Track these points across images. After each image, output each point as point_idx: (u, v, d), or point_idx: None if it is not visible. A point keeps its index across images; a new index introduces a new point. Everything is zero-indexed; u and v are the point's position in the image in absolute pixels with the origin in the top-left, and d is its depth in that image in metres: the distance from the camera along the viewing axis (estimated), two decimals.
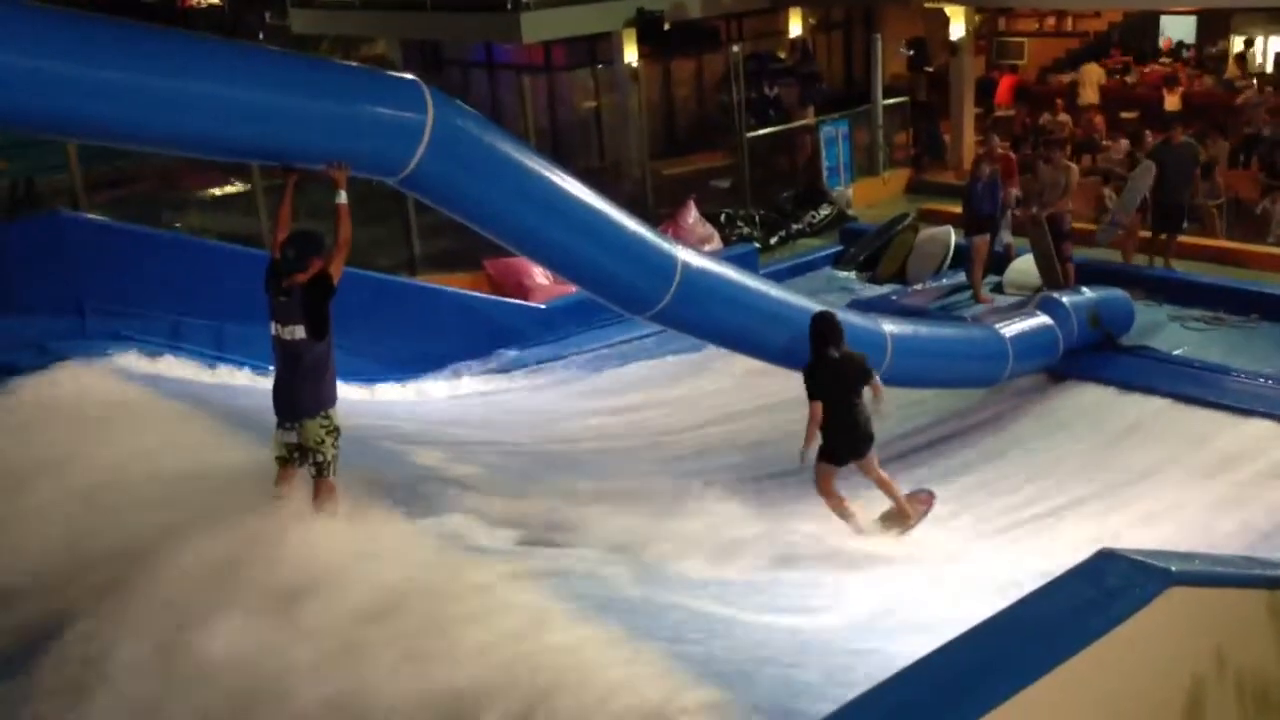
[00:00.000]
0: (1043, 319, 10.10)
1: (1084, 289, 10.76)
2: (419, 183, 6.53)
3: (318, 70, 6.51)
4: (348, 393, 8.18)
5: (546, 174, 7.02)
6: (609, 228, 7.29)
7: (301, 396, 6.11)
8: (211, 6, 38.65)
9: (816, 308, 8.47)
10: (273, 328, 6.12)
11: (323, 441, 6.13)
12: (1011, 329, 9.85)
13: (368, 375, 9.79)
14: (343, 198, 6.08)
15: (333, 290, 6.02)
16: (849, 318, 8.80)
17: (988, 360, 9.68)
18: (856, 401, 7.57)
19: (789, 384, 9.33)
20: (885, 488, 7.79)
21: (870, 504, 7.94)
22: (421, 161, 6.33)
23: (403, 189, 6.77)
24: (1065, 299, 10.36)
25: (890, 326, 8.81)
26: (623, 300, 7.67)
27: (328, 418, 6.15)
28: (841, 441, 7.56)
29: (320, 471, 6.15)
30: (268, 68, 5.99)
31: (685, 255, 7.63)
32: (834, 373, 7.51)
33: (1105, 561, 4.40)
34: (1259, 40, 19.99)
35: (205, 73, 5.60)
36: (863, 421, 7.59)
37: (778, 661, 5.22)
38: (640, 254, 7.41)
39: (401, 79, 6.54)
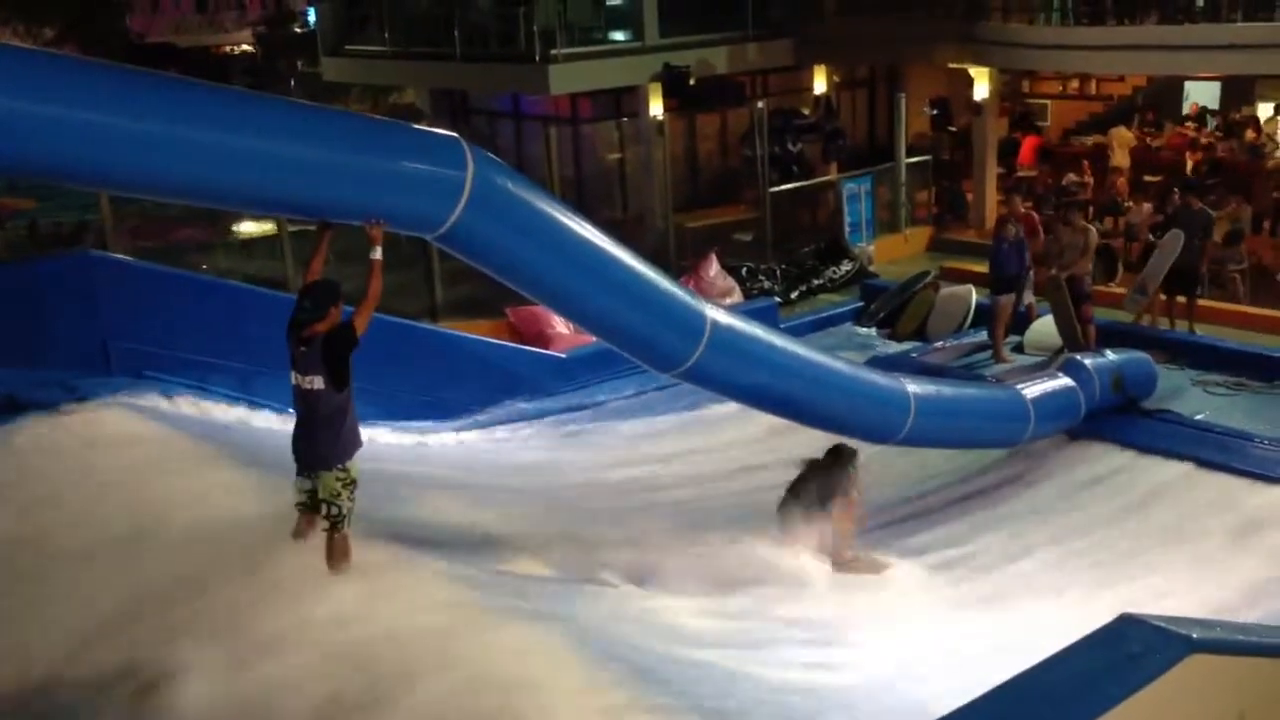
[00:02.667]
0: (1065, 381, 10.07)
1: (1107, 351, 10.74)
2: (455, 240, 6.51)
3: (357, 125, 6.51)
4: (368, 436, 8.20)
5: (581, 231, 7.02)
6: (641, 285, 7.27)
7: (319, 448, 6.09)
8: (245, 54, 39.31)
9: (846, 369, 8.53)
10: (293, 377, 6.11)
11: (338, 494, 6.09)
12: (1034, 390, 9.81)
13: (388, 420, 9.81)
14: (377, 254, 6.07)
15: (355, 343, 6.01)
16: (873, 376, 8.81)
17: (1009, 421, 9.64)
18: None
19: (807, 439, 9.35)
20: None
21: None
22: (459, 219, 6.31)
23: (438, 245, 6.77)
24: (1088, 361, 10.33)
25: (914, 386, 8.80)
26: (651, 358, 7.64)
27: (345, 470, 6.12)
28: None
29: (334, 525, 6.11)
30: (307, 122, 6.00)
31: (715, 314, 7.62)
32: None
33: (1126, 626, 4.38)
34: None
35: (247, 127, 5.61)
36: None
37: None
38: (671, 312, 7.39)
39: (442, 135, 6.51)
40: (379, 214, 6.06)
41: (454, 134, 6.52)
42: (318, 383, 6.00)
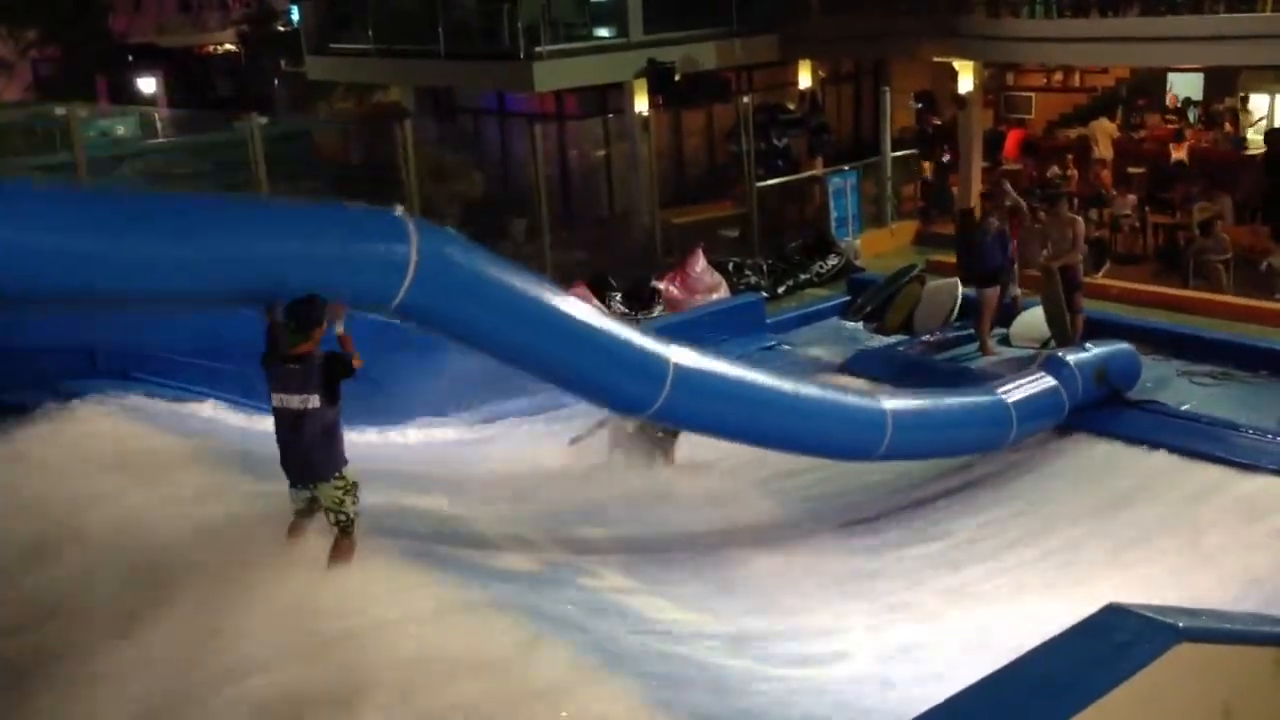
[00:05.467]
0: (1048, 381, 10.11)
1: (1089, 345, 10.79)
2: (410, 312, 6.57)
3: (300, 214, 6.64)
4: (357, 436, 8.20)
5: (532, 290, 7.11)
6: (598, 338, 7.34)
7: (314, 462, 6.09)
8: (228, 53, 39.15)
9: (818, 394, 8.66)
10: (275, 399, 6.06)
11: (341, 502, 6.10)
12: (1016, 394, 9.83)
13: (377, 418, 9.80)
14: (340, 329, 6.11)
15: (353, 374, 6.05)
16: (846, 399, 8.85)
17: (991, 428, 9.69)
18: None
19: None
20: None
21: None
22: (409, 293, 6.38)
23: (395, 318, 6.76)
24: (1071, 358, 10.36)
25: (890, 403, 8.86)
26: (617, 405, 7.73)
27: (342, 478, 6.13)
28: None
29: (344, 531, 6.12)
30: (249, 218, 6.17)
31: (678, 356, 7.64)
32: None
33: (1113, 616, 4.41)
34: (1262, 98, 20.09)
35: (191, 232, 5.79)
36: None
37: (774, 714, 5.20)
38: (631, 359, 7.46)
39: (384, 214, 6.54)
40: (328, 293, 6.08)
41: (396, 210, 6.58)
42: (313, 401, 5.98)
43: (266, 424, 8.88)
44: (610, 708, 4.97)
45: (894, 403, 8.89)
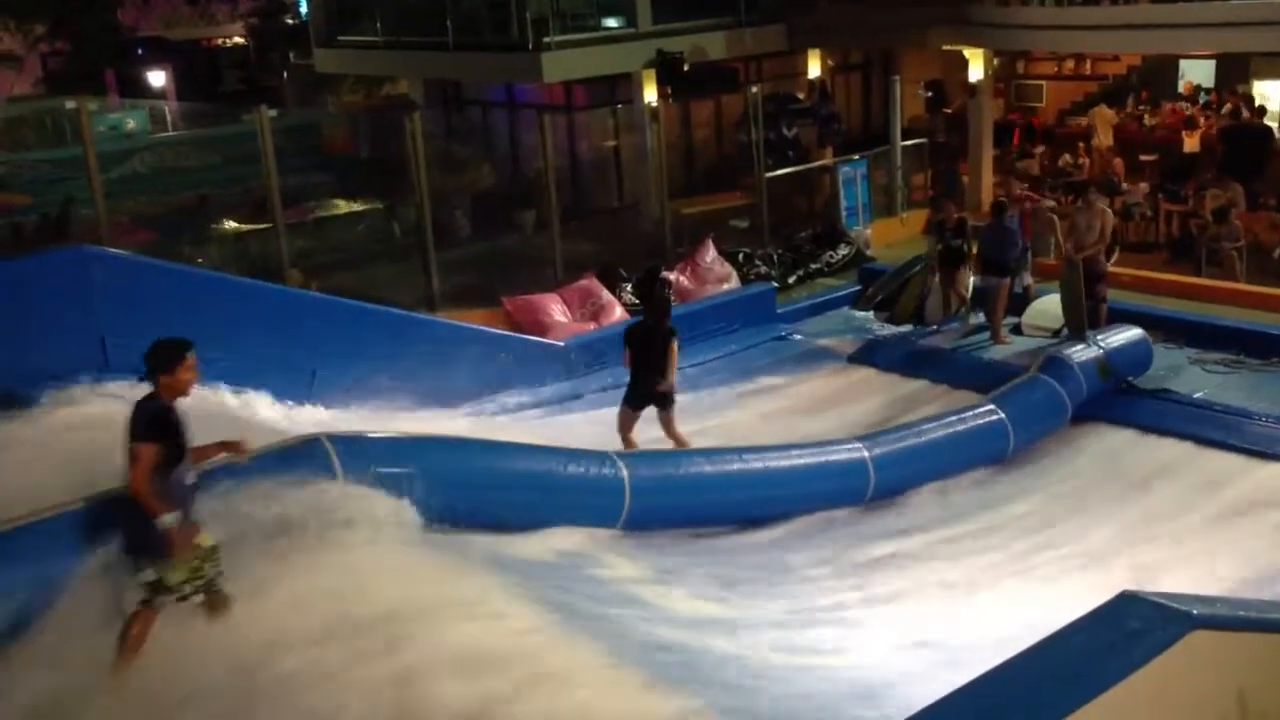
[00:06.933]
0: (1047, 385, 10.13)
1: (1094, 337, 10.80)
2: None
3: None
4: (370, 425, 8.20)
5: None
6: (545, 477, 7.59)
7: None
8: (237, 46, 39.19)
9: (792, 458, 8.72)
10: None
11: (199, 569, 5.44)
12: (1013, 405, 9.86)
13: (390, 409, 9.80)
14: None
15: (158, 426, 5.49)
16: (824, 454, 8.89)
17: (986, 443, 9.73)
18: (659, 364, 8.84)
19: (803, 420, 9.36)
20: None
21: None
22: None
23: None
24: (1073, 358, 10.35)
25: (871, 449, 8.95)
26: (587, 521, 7.77)
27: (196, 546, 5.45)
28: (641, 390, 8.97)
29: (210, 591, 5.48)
30: None
31: (635, 466, 7.85)
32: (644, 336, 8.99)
33: (1127, 604, 4.39)
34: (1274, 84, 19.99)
35: None
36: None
37: (792, 701, 5.20)
38: (584, 485, 7.64)
39: None
40: None
41: None
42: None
43: (278, 412, 8.96)
44: (619, 696, 4.97)
45: (876, 448, 8.98)
